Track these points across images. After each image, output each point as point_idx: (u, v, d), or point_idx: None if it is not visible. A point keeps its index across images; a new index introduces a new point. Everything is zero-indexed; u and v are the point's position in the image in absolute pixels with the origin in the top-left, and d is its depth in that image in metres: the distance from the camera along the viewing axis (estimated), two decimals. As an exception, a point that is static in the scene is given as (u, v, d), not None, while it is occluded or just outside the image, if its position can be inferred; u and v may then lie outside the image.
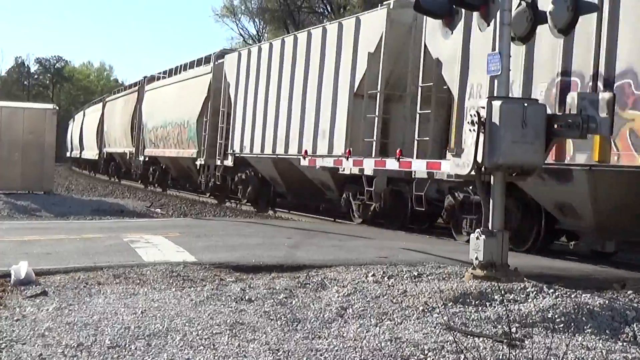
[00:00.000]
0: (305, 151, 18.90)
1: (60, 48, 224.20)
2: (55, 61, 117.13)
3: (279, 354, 5.89)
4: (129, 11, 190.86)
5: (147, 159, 36.43)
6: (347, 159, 16.88)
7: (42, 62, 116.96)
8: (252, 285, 8.58)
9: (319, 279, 8.96)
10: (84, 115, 60.02)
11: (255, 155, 22.85)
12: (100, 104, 51.93)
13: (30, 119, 26.05)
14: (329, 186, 19.76)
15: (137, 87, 40.41)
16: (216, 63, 27.68)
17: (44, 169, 26.05)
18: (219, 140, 26.01)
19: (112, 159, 46.73)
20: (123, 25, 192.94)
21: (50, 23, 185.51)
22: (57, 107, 28.99)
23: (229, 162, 25.13)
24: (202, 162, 28.03)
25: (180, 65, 32.83)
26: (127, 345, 6.07)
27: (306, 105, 19.75)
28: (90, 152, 54.02)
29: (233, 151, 24.57)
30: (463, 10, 11.78)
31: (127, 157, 40.62)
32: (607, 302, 7.66)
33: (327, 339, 6.39)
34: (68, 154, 68.24)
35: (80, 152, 59.74)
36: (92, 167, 56.00)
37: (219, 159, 26.21)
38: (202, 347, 6.06)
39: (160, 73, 37.38)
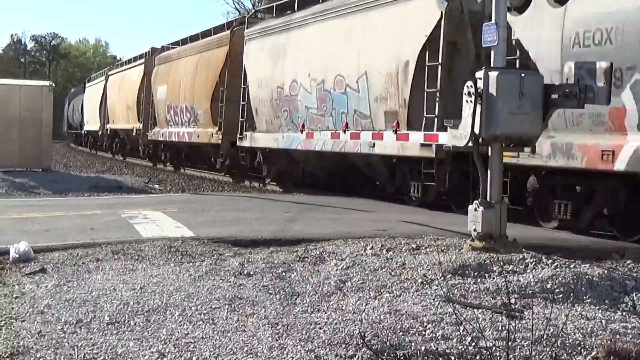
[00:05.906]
0: (303, 124, 19.40)
1: (56, 25, 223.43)
2: (51, 38, 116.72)
3: (278, 327, 5.89)
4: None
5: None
6: (345, 132, 17.33)
7: (38, 39, 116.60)
8: (250, 260, 8.57)
9: (318, 253, 8.95)
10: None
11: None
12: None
13: (26, 96, 26.04)
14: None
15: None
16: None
17: (41, 146, 26.06)
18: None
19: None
20: (118, 1, 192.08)
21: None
22: (54, 84, 28.92)
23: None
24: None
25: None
26: (126, 321, 6.07)
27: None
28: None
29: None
30: None
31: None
32: (606, 272, 7.67)
33: (326, 312, 6.39)
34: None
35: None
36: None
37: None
38: (201, 322, 6.06)
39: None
